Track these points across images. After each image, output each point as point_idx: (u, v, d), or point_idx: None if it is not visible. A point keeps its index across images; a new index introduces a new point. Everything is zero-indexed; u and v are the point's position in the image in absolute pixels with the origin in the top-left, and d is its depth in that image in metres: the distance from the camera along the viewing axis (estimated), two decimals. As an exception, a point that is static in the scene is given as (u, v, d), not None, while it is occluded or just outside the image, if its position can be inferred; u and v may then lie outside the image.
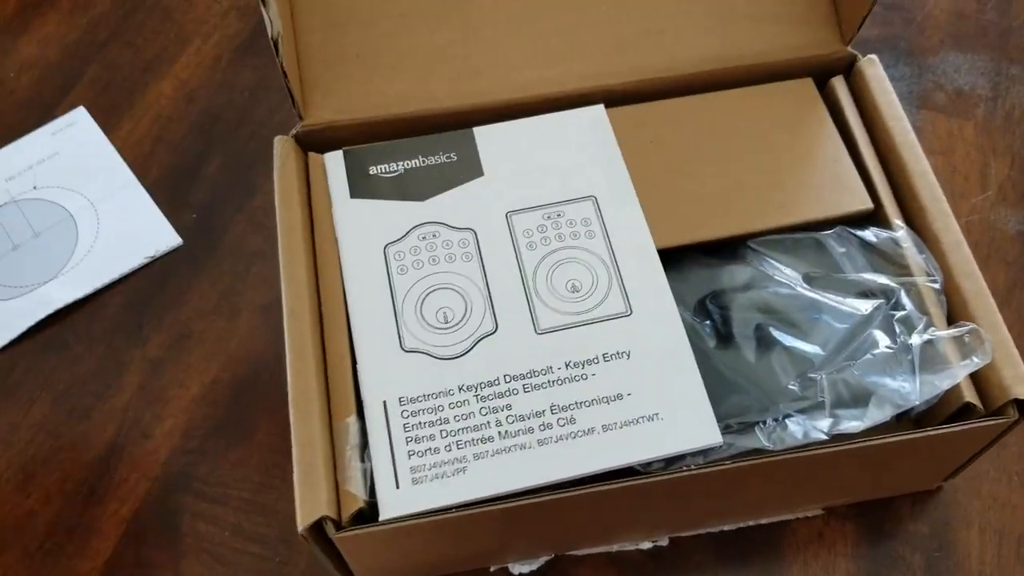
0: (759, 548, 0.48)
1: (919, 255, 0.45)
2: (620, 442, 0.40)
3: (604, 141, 0.47)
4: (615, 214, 0.45)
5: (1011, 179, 0.60)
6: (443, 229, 0.44)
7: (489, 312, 0.42)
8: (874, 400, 0.42)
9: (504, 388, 0.40)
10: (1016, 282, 0.56)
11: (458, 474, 0.39)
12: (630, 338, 0.42)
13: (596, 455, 0.39)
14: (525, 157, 0.46)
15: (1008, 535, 0.49)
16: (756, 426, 0.42)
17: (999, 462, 0.51)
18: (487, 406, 0.40)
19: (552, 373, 0.41)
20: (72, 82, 0.66)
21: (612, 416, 0.40)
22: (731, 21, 0.51)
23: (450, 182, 0.45)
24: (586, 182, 0.46)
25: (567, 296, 0.42)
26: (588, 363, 0.41)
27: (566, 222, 0.44)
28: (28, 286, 0.57)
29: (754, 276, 0.45)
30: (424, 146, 0.47)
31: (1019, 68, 0.64)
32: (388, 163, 0.46)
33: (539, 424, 0.40)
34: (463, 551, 0.45)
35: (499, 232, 0.44)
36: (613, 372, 0.41)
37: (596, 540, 0.48)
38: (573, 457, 0.39)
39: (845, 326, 0.43)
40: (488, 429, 0.39)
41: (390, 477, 0.38)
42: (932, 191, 0.46)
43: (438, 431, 0.39)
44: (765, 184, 0.48)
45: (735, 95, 0.50)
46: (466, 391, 0.40)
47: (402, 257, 0.44)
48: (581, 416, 0.40)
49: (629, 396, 0.40)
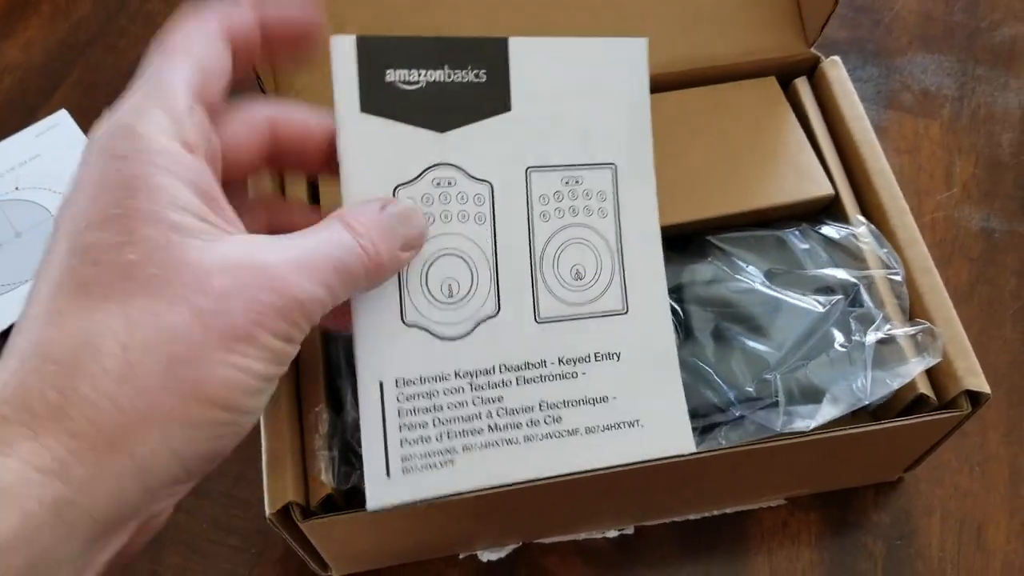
0: (724, 537, 0.50)
1: (880, 249, 0.46)
2: (601, 445, 0.39)
3: (637, 89, 0.42)
4: (630, 192, 0.41)
5: (975, 177, 0.61)
6: (461, 177, 0.39)
7: (494, 291, 0.39)
8: (827, 399, 0.43)
9: (498, 379, 0.39)
10: (979, 277, 0.57)
11: (446, 465, 0.37)
12: (622, 338, 0.40)
13: (577, 456, 0.39)
14: (556, 96, 0.40)
15: (968, 523, 0.50)
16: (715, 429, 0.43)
17: (961, 452, 0.52)
18: (480, 396, 0.38)
19: (545, 368, 0.39)
20: (55, 85, 0.67)
21: (596, 419, 0.39)
22: (697, 25, 0.52)
23: (474, 112, 0.39)
24: (610, 144, 0.41)
25: (571, 283, 0.40)
26: (580, 361, 0.40)
27: (583, 192, 0.40)
28: (10, 285, 0.58)
29: (716, 273, 0.46)
30: (454, 52, 0.39)
31: (985, 69, 0.66)
32: (410, 68, 0.37)
33: (528, 420, 0.39)
34: (432, 538, 0.46)
35: (516, 192, 0.39)
36: (602, 373, 0.40)
37: (563, 529, 0.49)
38: (556, 457, 0.39)
39: (803, 324, 0.44)
40: (479, 421, 0.38)
41: (381, 464, 0.37)
42: (890, 189, 0.48)
43: (431, 419, 0.37)
44: (729, 174, 0.49)
45: (700, 93, 0.51)
46: (461, 378, 0.38)
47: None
48: (567, 416, 0.39)
49: (614, 400, 0.40)
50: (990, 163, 0.62)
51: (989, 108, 0.64)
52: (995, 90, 0.65)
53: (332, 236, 0.31)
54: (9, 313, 0.57)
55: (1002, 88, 0.65)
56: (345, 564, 0.47)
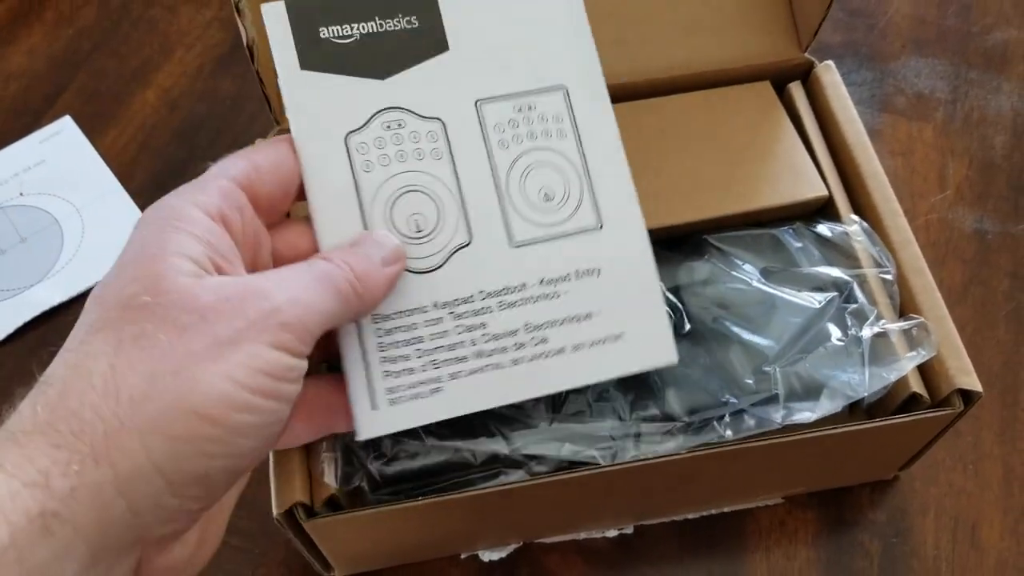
0: (722, 535, 0.50)
1: (872, 247, 0.47)
2: (588, 361, 0.39)
3: (576, 10, 0.42)
4: (586, 111, 0.41)
5: (968, 179, 0.62)
6: (409, 117, 0.40)
7: (463, 220, 0.39)
8: (826, 392, 0.44)
9: (479, 306, 0.39)
10: (972, 278, 0.58)
11: (435, 394, 0.38)
12: (600, 254, 0.40)
13: (565, 374, 0.39)
14: (493, 29, 0.41)
15: (962, 521, 0.51)
16: (714, 421, 0.44)
17: (955, 451, 0.52)
18: (462, 324, 0.38)
19: (526, 290, 0.39)
20: (59, 91, 0.68)
21: (581, 336, 0.39)
22: (694, 31, 0.53)
23: (413, 56, 0.40)
24: (557, 67, 0.42)
25: (540, 205, 0.40)
26: (561, 280, 0.40)
27: (537, 117, 0.41)
28: (15, 289, 0.59)
29: (713, 271, 0.47)
30: (381, 2, 0.40)
31: (978, 72, 0.67)
32: (341, 24, 0.39)
33: (513, 344, 0.39)
34: (433, 538, 0.47)
35: (469, 124, 0.40)
36: (583, 290, 0.40)
37: (563, 528, 0.49)
38: (544, 376, 0.39)
39: (799, 320, 0.45)
40: (463, 348, 0.38)
41: (365, 398, 0.37)
42: (883, 191, 0.48)
43: (413, 350, 0.38)
44: (725, 176, 0.50)
45: (696, 97, 0.52)
46: (440, 308, 0.38)
47: (366, 150, 0.39)
48: (553, 335, 0.39)
49: (598, 315, 0.40)
50: (983, 165, 0.62)
51: (982, 111, 0.65)
52: (988, 93, 0.65)
53: (310, 263, 0.33)
54: (16, 317, 0.58)
55: (995, 91, 0.65)
56: (348, 564, 0.48)
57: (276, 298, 0.30)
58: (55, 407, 0.27)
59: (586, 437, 0.43)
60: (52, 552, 0.25)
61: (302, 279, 0.31)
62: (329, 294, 0.32)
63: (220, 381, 0.28)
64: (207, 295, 0.29)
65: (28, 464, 0.26)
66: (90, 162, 0.64)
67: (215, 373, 0.28)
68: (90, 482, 0.26)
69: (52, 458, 0.26)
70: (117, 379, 0.27)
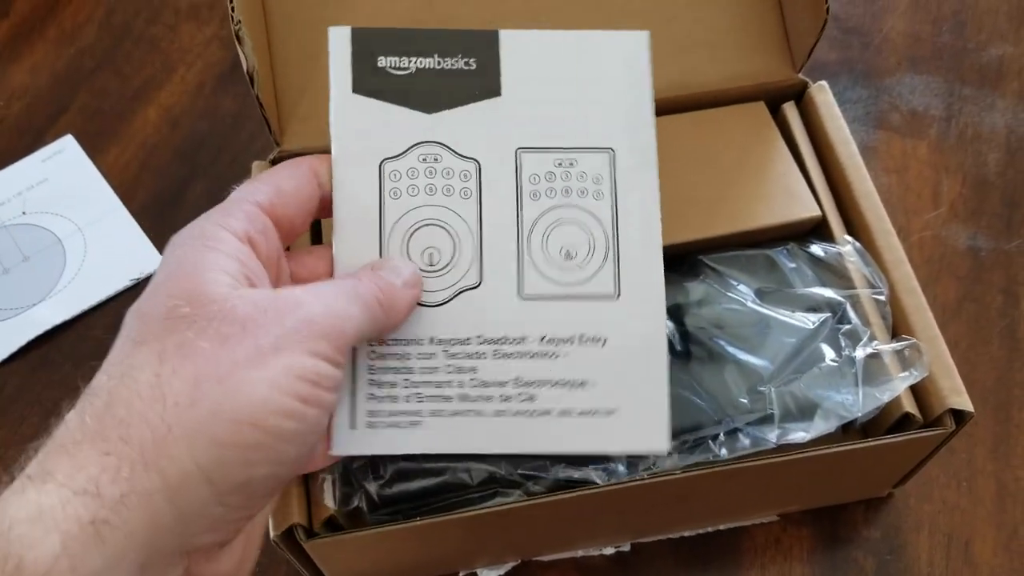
0: (718, 553, 0.51)
1: (865, 268, 0.48)
2: (572, 430, 0.39)
3: (638, 79, 0.41)
4: (629, 176, 0.40)
5: (963, 196, 0.62)
6: (446, 154, 0.40)
7: (477, 262, 0.39)
8: (820, 412, 0.44)
9: (474, 350, 0.38)
10: (966, 295, 0.58)
11: (413, 426, 0.38)
12: (610, 324, 0.39)
13: (545, 438, 0.39)
14: (550, 81, 0.41)
15: (956, 538, 0.51)
16: (709, 440, 0.44)
17: (949, 468, 0.53)
18: (454, 365, 0.38)
19: (525, 344, 0.39)
20: (61, 110, 0.69)
21: (571, 402, 0.39)
22: (687, 51, 0.54)
23: (463, 97, 0.40)
24: (608, 129, 0.41)
25: (560, 263, 0.39)
26: (563, 342, 0.39)
27: (577, 175, 0.40)
28: (18, 308, 0.60)
29: (708, 292, 0.48)
30: (443, 42, 0.41)
31: (972, 89, 0.67)
32: (400, 56, 0.40)
33: (500, 395, 0.38)
34: (432, 557, 0.47)
35: (505, 170, 0.40)
36: (584, 356, 0.39)
37: (561, 546, 0.50)
38: (523, 435, 0.38)
39: (793, 340, 0.46)
40: (449, 388, 0.38)
41: (346, 414, 0.37)
42: (876, 211, 0.49)
43: (401, 379, 0.38)
44: (719, 196, 0.50)
45: (689, 118, 0.53)
46: (436, 344, 0.38)
47: (398, 178, 0.39)
48: (541, 395, 0.38)
49: (593, 386, 0.39)
50: (977, 182, 0.63)
51: (976, 128, 0.65)
52: (982, 110, 0.66)
53: (337, 280, 0.35)
54: (18, 336, 0.58)
55: (989, 108, 0.66)
56: (347, 582, 0.48)
57: (311, 309, 0.31)
58: (102, 416, 0.27)
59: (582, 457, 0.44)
60: (104, 561, 0.26)
61: (333, 291, 0.32)
62: (358, 307, 0.33)
63: (264, 388, 0.28)
64: (246, 306, 0.30)
65: (78, 472, 0.26)
66: (92, 181, 0.65)
67: (258, 380, 0.28)
68: (140, 488, 0.27)
69: (102, 465, 0.26)
70: (163, 387, 0.28)
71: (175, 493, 0.27)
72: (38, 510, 0.25)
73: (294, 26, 0.53)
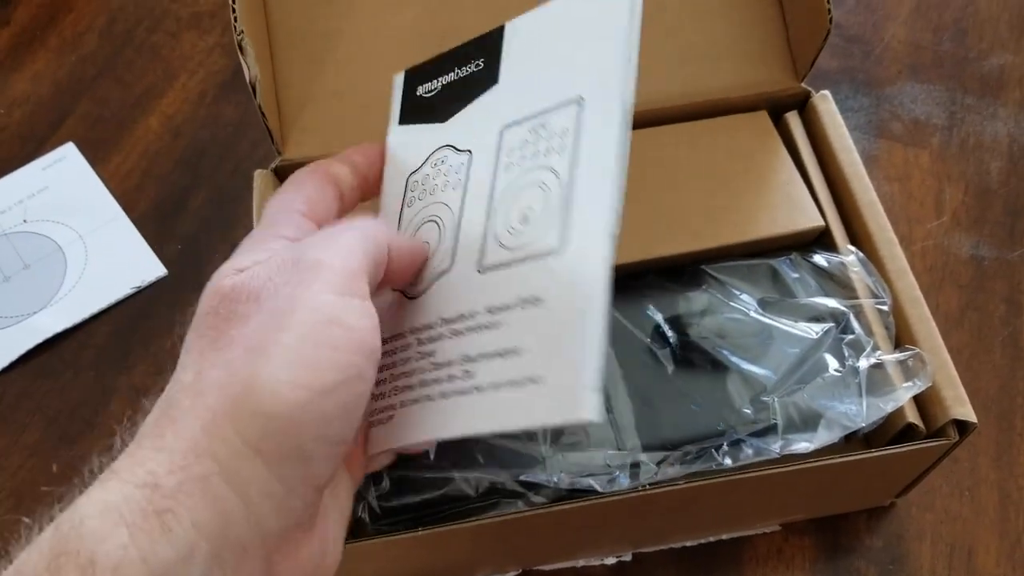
0: (720, 563, 0.51)
1: (868, 278, 0.48)
2: (497, 404, 0.33)
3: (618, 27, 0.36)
4: (594, 124, 0.35)
5: (965, 205, 0.62)
6: (451, 153, 0.39)
7: (452, 247, 0.37)
8: (823, 422, 0.44)
9: (436, 333, 0.36)
10: (969, 304, 0.58)
11: (387, 422, 0.36)
12: (548, 281, 0.33)
13: (474, 416, 0.34)
14: (538, 53, 0.39)
15: (959, 548, 0.51)
16: (712, 451, 0.44)
17: (952, 477, 0.53)
18: (421, 351, 0.36)
19: (473, 319, 0.35)
20: (62, 118, 0.69)
21: (501, 373, 0.33)
22: (690, 61, 0.54)
23: (471, 95, 0.40)
24: (578, 79, 0.36)
25: (516, 228, 0.35)
26: (503, 309, 0.34)
27: (547, 135, 0.36)
28: (19, 316, 0.59)
29: (711, 302, 0.48)
30: (461, 53, 0.41)
31: (974, 98, 0.67)
32: (431, 80, 0.41)
33: (447, 375, 0.35)
34: (434, 567, 0.47)
35: (489, 152, 0.38)
36: (519, 321, 0.34)
37: (562, 555, 0.50)
38: (457, 415, 0.34)
39: (796, 350, 0.46)
40: (412, 377, 0.36)
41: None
42: (879, 220, 0.49)
43: (386, 376, 0.36)
44: (721, 206, 0.50)
45: (693, 127, 0.53)
46: (411, 334, 0.37)
47: (416, 187, 0.40)
48: (479, 370, 0.34)
49: (526, 353, 0.33)
50: (979, 191, 0.63)
51: (978, 137, 0.65)
52: (984, 119, 0.66)
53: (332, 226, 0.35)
54: (19, 344, 0.58)
55: (991, 117, 0.66)
56: (349, 591, 0.48)
57: (313, 254, 0.31)
58: (157, 420, 0.29)
59: (584, 466, 0.44)
60: (176, 551, 0.26)
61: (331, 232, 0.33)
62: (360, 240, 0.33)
63: (291, 346, 0.28)
64: (254, 281, 0.31)
65: (138, 467, 0.27)
66: (93, 189, 0.65)
67: (282, 342, 0.28)
68: (195, 475, 0.27)
69: (157, 460, 0.27)
70: (203, 380, 0.29)
71: (231, 474, 0.27)
72: (104, 505, 0.26)
73: (296, 36, 0.53)
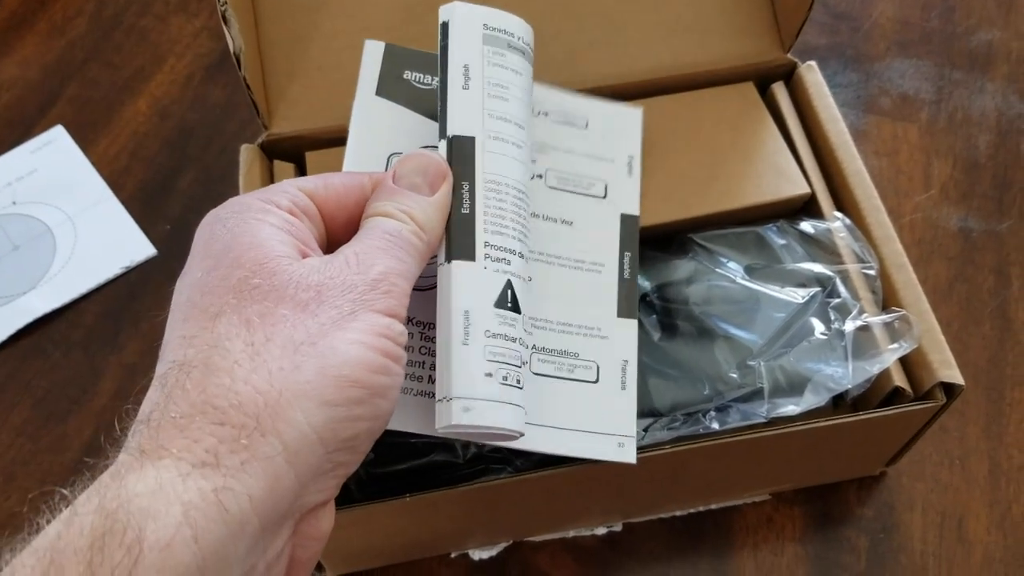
0: (710, 532, 0.51)
1: (855, 243, 0.48)
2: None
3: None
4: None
5: (953, 179, 0.62)
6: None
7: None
8: (810, 386, 0.44)
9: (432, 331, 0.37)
10: (957, 276, 0.58)
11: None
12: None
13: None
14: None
15: (949, 516, 0.51)
16: (699, 415, 0.44)
17: (941, 446, 0.53)
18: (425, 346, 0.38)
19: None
20: (51, 101, 0.69)
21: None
22: (678, 33, 0.54)
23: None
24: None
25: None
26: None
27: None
28: (8, 296, 0.59)
29: (697, 269, 0.48)
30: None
31: (962, 73, 0.67)
32: (424, 73, 0.43)
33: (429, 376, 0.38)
34: (423, 536, 0.47)
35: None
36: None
37: (552, 526, 0.50)
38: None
39: (782, 315, 0.46)
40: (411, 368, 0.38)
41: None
42: (866, 189, 0.49)
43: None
44: (709, 175, 0.50)
45: (679, 99, 0.53)
46: (413, 325, 0.38)
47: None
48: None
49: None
50: (967, 165, 0.63)
51: (966, 111, 0.65)
52: (972, 93, 0.66)
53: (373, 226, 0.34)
54: (9, 324, 0.58)
55: (979, 91, 0.66)
56: (339, 563, 0.48)
57: (373, 271, 0.31)
58: (205, 387, 0.27)
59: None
60: (228, 529, 0.26)
61: (381, 245, 0.32)
62: (404, 252, 0.33)
63: (355, 347, 0.29)
64: (314, 274, 0.30)
65: (195, 445, 0.26)
66: (82, 171, 0.65)
67: (348, 340, 0.29)
68: (261, 455, 0.27)
69: (218, 436, 0.27)
70: (261, 354, 0.28)
71: (294, 456, 0.27)
72: (157, 483, 0.25)
73: (281, 9, 0.53)
